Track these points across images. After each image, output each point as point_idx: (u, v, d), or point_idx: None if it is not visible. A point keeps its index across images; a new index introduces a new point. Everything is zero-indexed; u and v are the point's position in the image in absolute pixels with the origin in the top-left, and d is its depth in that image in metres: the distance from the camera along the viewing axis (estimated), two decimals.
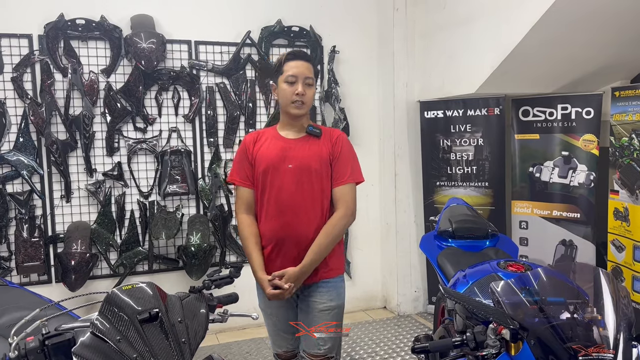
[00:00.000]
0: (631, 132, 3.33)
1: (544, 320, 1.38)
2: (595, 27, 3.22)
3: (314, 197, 2.14)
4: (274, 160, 2.16)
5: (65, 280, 3.48)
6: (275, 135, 2.23)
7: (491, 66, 3.47)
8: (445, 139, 4.14)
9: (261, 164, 2.17)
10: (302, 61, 2.16)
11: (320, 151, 2.18)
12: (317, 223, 2.15)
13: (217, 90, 3.91)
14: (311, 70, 2.18)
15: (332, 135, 2.23)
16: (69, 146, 3.56)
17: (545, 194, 3.89)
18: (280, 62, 2.18)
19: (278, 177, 2.15)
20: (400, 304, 4.41)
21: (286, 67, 2.15)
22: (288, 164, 2.15)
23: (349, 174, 2.19)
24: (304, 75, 2.14)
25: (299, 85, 2.12)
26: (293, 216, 2.13)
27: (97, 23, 3.56)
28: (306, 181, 2.14)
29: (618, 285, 1.44)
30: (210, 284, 1.52)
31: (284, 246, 2.15)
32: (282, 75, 2.16)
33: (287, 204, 2.14)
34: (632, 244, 3.38)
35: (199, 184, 3.90)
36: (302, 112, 2.17)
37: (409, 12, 4.22)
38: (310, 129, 2.20)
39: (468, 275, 2.07)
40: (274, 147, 2.19)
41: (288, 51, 2.22)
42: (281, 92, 2.17)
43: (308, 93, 2.15)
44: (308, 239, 2.13)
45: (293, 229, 2.13)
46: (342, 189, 2.17)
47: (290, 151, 2.17)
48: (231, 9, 3.94)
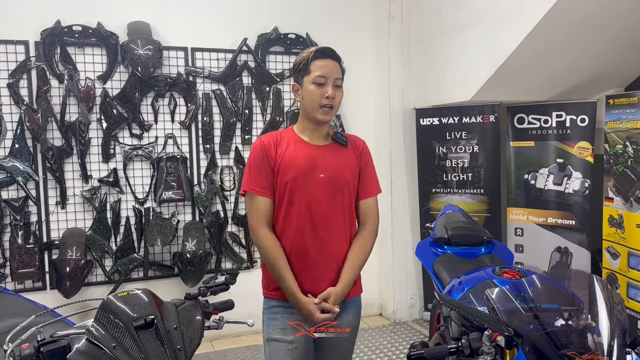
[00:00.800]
0: (625, 140, 3.35)
1: (538, 327, 1.39)
2: (589, 36, 3.25)
3: (344, 211, 1.98)
4: (304, 167, 1.93)
5: (60, 287, 3.47)
6: (299, 140, 1.99)
7: (486, 74, 3.49)
8: (441, 146, 4.16)
9: (288, 170, 1.92)
10: (331, 60, 1.95)
11: (351, 162, 2.01)
12: (349, 239, 2.01)
13: (213, 97, 3.92)
14: (340, 70, 1.97)
15: (357, 144, 2.07)
16: (64, 152, 3.56)
17: (540, 201, 3.90)
18: (307, 60, 1.94)
19: (309, 187, 1.92)
20: (396, 311, 4.40)
21: (313, 66, 1.92)
22: (319, 174, 1.93)
23: (375, 187, 2.09)
24: (333, 76, 1.92)
25: (329, 88, 1.90)
26: (327, 232, 1.94)
27: (94, 30, 3.57)
28: (338, 193, 1.96)
29: (612, 292, 1.45)
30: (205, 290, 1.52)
31: (317, 265, 1.94)
32: (309, 75, 1.92)
33: (320, 217, 1.93)
34: (626, 251, 3.39)
35: (195, 190, 3.89)
36: (330, 117, 1.96)
37: (405, 20, 4.25)
38: (338, 136, 2.01)
39: (463, 282, 2.07)
40: (302, 153, 1.95)
41: (316, 48, 1.98)
42: (307, 95, 1.93)
43: (337, 96, 1.94)
44: (341, 257, 1.97)
45: (327, 246, 1.94)
46: (369, 202, 2.05)
47: (320, 159, 1.95)
48: (228, 16, 3.95)
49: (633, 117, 3.30)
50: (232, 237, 4.02)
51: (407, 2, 4.24)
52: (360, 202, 2.05)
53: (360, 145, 2.08)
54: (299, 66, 1.96)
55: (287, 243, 1.94)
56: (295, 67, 1.99)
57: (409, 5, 4.24)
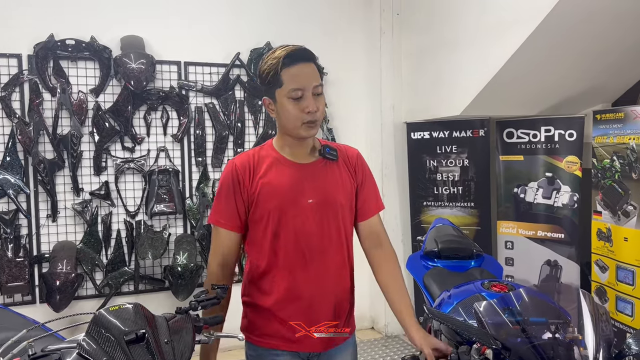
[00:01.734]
0: (612, 155, 3.40)
1: (525, 340, 1.40)
2: (576, 53, 3.31)
3: (341, 239, 1.70)
4: (289, 193, 1.63)
5: (49, 301, 3.45)
6: (280, 159, 1.68)
7: (475, 89, 3.54)
8: (431, 160, 4.19)
9: (270, 198, 1.63)
10: (305, 63, 1.58)
11: (343, 180, 1.71)
12: (349, 270, 1.74)
13: (206, 110, 3.94)
14: (317, 72, 1.61)
15: (349, 156, 1.77)
16: (56, 165, 3.56)
17: (529, 214, 3.93)
18: (276, 70, 1.56)
19: (296, 216, 1.63)
20: (387, 324, 4.40)
21: (285, 75, 1.56)
22: (308, 199, 1.64)
23: (378, 203, 1.81)
24: (311, 84, 1.57)
25: (309, 100, 1.56)
26: (321, 267, 1.66)
27: (87, 43, 3.59)
28: (332, 219, 1.67)
29: (597, 305, 1.47)
30: (196, 305, 1.52)
31: (312, 307, 1.65)
32: (282, 88, 1.57)
33: (312, 251, 1.65)
34: (615, 264, 3.42)
35: (187, 203, 3.90)
36: (315, 132, 1.64)
37: (396, 36, 4.30)
38: (327, 151, 1.70)
39: (453, 295, 2.09)
40: (285, 175, 1.65)
41: (284, 52, 1.57)
42: (283, 112, 1.60)
43: (320, 106, 1.60)
44: (342, 293, 1.70)
45: (324, 283, 1.66)
46: (374, 221, 1.78)
47: (307, 181, 1.66)
48: (221, 31, 3.99)
49: (619, 132, 3.35)
50: None
51: (398, 18, 4.30)
52: (362, 224, 1.78)
53: (353, 156, 1.78)
54: (267, 77, 1.60)
55: (274, 287, 1.66)
56: (263, 78, 1.61)
57: (400, 21, 4.30)
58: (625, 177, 3.31)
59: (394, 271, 1.75)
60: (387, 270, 1.75)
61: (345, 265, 1.73)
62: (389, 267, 1.75)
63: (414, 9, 4.18)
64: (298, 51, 1.59)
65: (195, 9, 3.91)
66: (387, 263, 1.76)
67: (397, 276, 1.75)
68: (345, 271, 1.73)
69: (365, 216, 1.77)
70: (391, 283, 1.73)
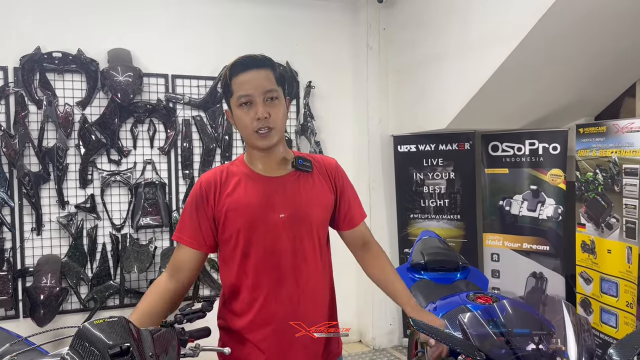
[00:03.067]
0: (595, 168, 3.46)
1: (509, 351, 1.42)
2: (559, 68, 3.37)
3: (315, 256, 1.61)
4: (258, 209, 1.55)
5: (33, 315, 3.40)
6: (250, 174, 1.61)
7: (460, 103, 3.58)
8: (418, 173, 4.23)
9: (238, 216, 1.56)
10: (255, 70, 1.53)
11: (318, 192, 1.64)
12: (326, 291, 1.66)
13: (193, 123, 3.95)
14: (271, 78, 1.54)
15: (326, 166, 1.70)
16: (41, 178, 3.53)
17: (515, 226, 3.97)
18: (226, 79, 1.55)
19: (267, 233, 1.56)
20: (375, 337, 4.40)
21: (234, 85, 1.53)
22: (279, 213, 1.56)
23: (361, 212, 1.78)
24: (261, 90, 1.51)
25: (259, 107, 1.51)
26: (296, 287, 1.58)
27: (74, 56, 3.59)
28: (305, 234, 1.58)
29: (580, 317, 1.49)
30: (182, 318, 1.51)
31: (286, 332, 1.58)
32: (232, 97, 1.54)
33: (285, 270, 1.56)
34: (599, 276, 3.46)
35: (173, 216, 3.88)
36: (273, 141, 1.55)
37: (382, 51, 4.36)
38: (300, 162, 1.62)
39: (438, 307, 2.10)
40: (254, 190, 1.58)
41: (232, 62, 1.55)
42: (238, 121, 1.56)
43: (274, 113, 1.53)
44: (319, 315, 1.62)
45: (300, 306, 1.58)
46: (360, 228, 1.76)
47: (277, 195, 1.58)
48: (208, 43, 4.01)
49: (602, 145, 3.41)
50: (210, 264, 4.00)
51: (385, 33, 4.36)
52: (347, 233, 1.74)
53: (331, 166, 1.71)
54: (222, 88, 1.60)
55: (244, 309, 1.59)
56: (222, 90, 1.62)
57: (386, 36, 4.36)
58: (608, 189, 3.36)
59: (382, 263, 1.74)
60: (376, 264, 1.74)
61: (322, 284, 1.64)
62: (377, 262, 1.74)
63: (400, 25, 4.24)
64: (246, 58, 1.55)
65: (182, 22, 3.93)
66: (375, 259, 1.75)
67: (386, 266, 1.73)
68: (322, 290, 1.65)
69: (350, 225, 1.73)
70: (380, 274, 1.72)
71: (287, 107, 1.62)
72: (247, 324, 1.59)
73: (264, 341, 1.58)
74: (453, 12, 3.62)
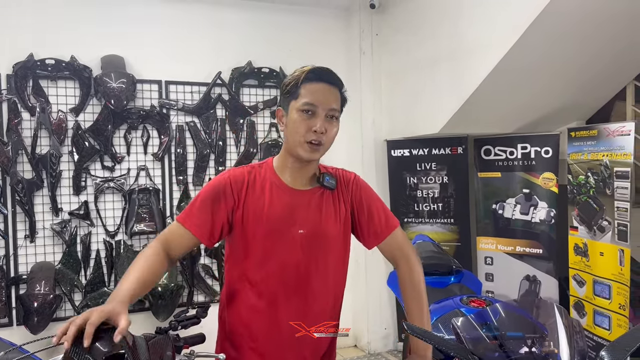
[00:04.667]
0: (587, 171, 3.49)
1: (503, 354, 1.43)
2: (550, 72, 3.40)
3: (326, 276, 1.61)
4: (280, 221, 1.54)
5: (27, 323, 3.38)
6: (277, 183, 1.58)
7: (453, 108, 3.61)
8: (411, 177, 4.25)
9: (259, 223, 1.54)
10: (328, 85, 1.54)
11: (337, 210, 1.62)
12: (332, 308, 1.65)
13: (187, 129, 3.95)
14: (338, 99, 1.57)
15: (346, 181, 1.67)
16: (34, 185, 3.52)
17: (508, 230, 4.00)
18: (297, 81, 1.54)
19: (283, 246, 1.55)
20: (370, 342, 4.40)
21: (304, 90, 1.52)
22: (298, 229, 1.55)
23: (391, 221, 1.70)
24: (328, 106, 1.52)
25: (319, 119, 1.50)
26: (304, 304, 1.57)
27: (67, 63, 3.59)
28: (320, 252, 1.58)
29: (572, 320, 1.51)
30: (176, 324, 1.51)
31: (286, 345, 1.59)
32: (297, 100, 1.52)
33: (296, 285, 1.56)
34: (592, 279, 3.48)
35: (167, 222, 3.88)
36: (316, 156, 1.55)
37: (375, 56, 4.38)
38: (327, 179, 1.60)
39: (432, 311, 2.11)
40: (278, 201, 1.55)
41: (309, 68, 1.56)
42: (291, 125, 1.53)
43: (330, 131, 1.53)
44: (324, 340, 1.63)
45: (306, 321, 1.58)
46: (391, 240, 1.67)
47: (300, 210, 1.56)
48: (202, 50, 4.02)
49: (593, 148, 3.44)
50: (205, 270, 3.99)
51: (378, 38, 4.38)
52: (379, 247, 1.69)
53: (349, 181, 1.68)
54: (287, 87, 1.56)
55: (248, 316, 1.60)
56: (283, 88, 1.59)
57: (379, 41, 4.38)
58: (600, 193, 3.39)
59: (406, 289, 1.63)
60: (402, 289, 1.65)
61: (332, 301, 1.63)
62: (403, 287, 1.65)
63: (393, 30, 4.27)
64: (324, 71, 1.56)
65: (176, 28, 3.94)
66: (402, 284, 1.66)
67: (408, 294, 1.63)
68: (330, 306, 1.63)
69: (377, 240, 1.66)
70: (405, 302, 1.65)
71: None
72: (251, 333, 1.59)
73: (267, 353, 1.58)
74: (445, 17, 3.65)
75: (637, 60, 3.50)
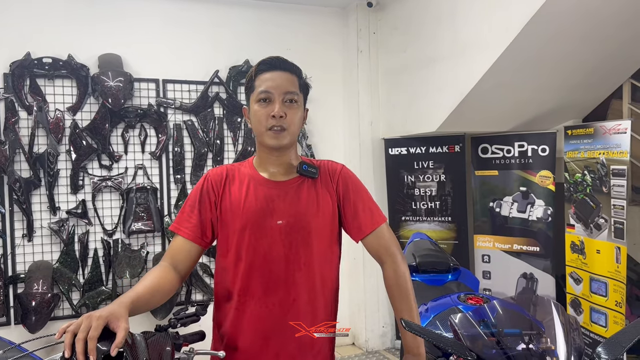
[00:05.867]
0: (583, 169, 3.50)
1: (500, 351, 1.43)
2: (547, 71, 3.41)
3: (311, 266, 1.56)
4: (256, 213, 1.54)
5: (25, 322, 3.38)
6: (256, 177, 1.60)
7: (450, 106, 3.61)
8: (409, 175, 4.25)
9: (236, 217, 1.55)
10: (280, 72, 1.57)
11: (321, 199, 1.59)
12: (321, 302, 1.60)
13: (184, 128, 3.95)
14: (295, 82, 1.58)
15: (332, 172, 1.64)
16: (32, 184, 3.52)
17: (505, 228, 4.01)
18: (251, 76, 1.58)
19: (262, 238, 1.54)
20: (368, 340, 4.41)
21: (258, 81, 1.56)
22: (277, 220, 1.54)
23: (377, 216, 1.63)
24: (282, 90, 1.54)
25: (276, 104, 1.52)
26: (287, 296, 1.55)
27: (64, 62, 3.58)
28: (302, 243, 1.55)
29: (569, 317, 1.51)
30: (176, 322, 1.52)
31: (272, 341, 1.56)
32: (253, 93, 1.56)
33: (277, 278, 1.54)
34: (588, 276, 3.50)
35: (165, 221, 3.88)
36: (283, 142, 1.54)
37: (372, 54, 4.38)
38: (304, 168, 1.59)
39: (430, 308, 2.12)
40: (255, 194, 1.56)
41: (260, 60, 1.59)
42: (253, 116, 1.56)
43: (290, 114, 1.54)
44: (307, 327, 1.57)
45: (290, 314, 1.55)
46: (375, 237, 1.61)
47: (279, 201, 1.56)
48: (199, 49, 4.02)
49: (590, 147, 3.45)
50: (203, 268, 4.00)
51: (375, 37, 4.39)
52: (363, 242, 1.63)
53: (335, 171, 1.65)
54: (246, 84, 1.62)
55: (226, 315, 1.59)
56: (245, 87, 1.64)
57: (376, 40, 4.39)
58: (596, 190, 3.40)
59: (393, 289, 1.60)
60: (389, 290, 1.61)
61: (319, 294, 1.59)
62: (389, 288, 1.61)
63: (390, 29, 4.27)
64: (275, 59, 1.59)
65: (173, 27, 3.93)
66: (388, 284, 1.61)
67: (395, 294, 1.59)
68: (318, 300, 1.59)
69: (360, 235, 1.62)
70: (392, 302, 1.61)
71: (304, 117, 1.64)
72: (237, 328, 1.58)
73: (252, 347, 1.57)
74: (442, 16, 3.66)
75: (633, 58, 3.51)
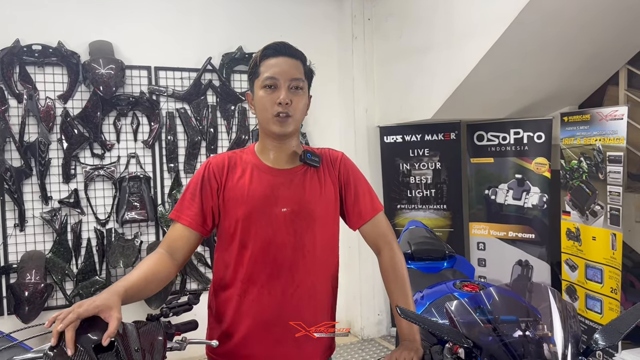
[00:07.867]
0: (580, 156, 3.49)
1: (497, 338, 1.42)
2: (543, 57, 3.38)
3: (314, 254, 1.57)
4: (260, 200, 1.53)
5: (18, 312, 3.36)
6: (258, 164, 1.59)
7: (445, 94, 3.59)
8: (404, 163, 4.23)
9: (240, 205, 1.54)
10: (286, 57, 1.54)
11: (324, 188, 1.60)
12: (323, 289, 1.62)
13: (177, 116, 3.90)
14: (300, 69, 1.56)
15: (332, 160, 1.66)
16: (23, 173, 3.47)
17: (500, 215, 4.00)
18: (256, 61, 1.56)
19: (267, 226, 1.54)
20: (363, 327, 4.41)
21: (263, 66, 1.54)
22: (281, 207, 1.54)
23: (375, 204, 1.68)
24: (288, 77, 1.52)
25: (282, 91, 1.51)
26: (291, 283, 1.55)
27: (55, 49, 3.52)
28: (306, 231, 1.56)
29: (566, 303, 1.50)
30: (168, 311, 1.50)
31: (273, 329, 1.56)
32: (258, 78, 1.54)
33: (282, 265, 1.54)
34: (584, 263, 3.50)
35: (159, 210, 3.85)
36: (288, 129, 1.54)
37: (368, 41, 4.34)
38: (308, 156, 1.59)
39: (425, 296, 2.10)
40: (259, 181, 1.56)
41: (265, 45, 1.56)
42: (258, 103, 1.55)
43: (296, 101, 1.53)
44: (314, 320, 1.58)
45: (292, 301, 1.55)
46: (372, 225, 1.65)
47: (283, 188, 1.56)
48: (192, 35, 3.96)
49: (586, 133, 3.44)
50: (197, 257, 3.97)
51: (370, 23, 4.34)
52: (361, 229, 1.66)
53: (336, 160, 1.67)
54: (249, 70, 1.60)
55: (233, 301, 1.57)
56: (248, 72, 1.62)
57: (371, 26, 4.34)
58: (592, 177, 3.39)
59: (389, 276, 1.63)
60: (385, 277, 1.65)
61: (322, 282, 1.60)
62: (386, 275, 1.65)
63: (385, 15, 4.23)
64: (280, 44, 1.56)
65: (165, 14, 3.88)
66: (384, 271, 1.65)
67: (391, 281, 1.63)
68: (321, 287, 1.61)
69: (359, 222, 1.65)
70: (388, 288, 1.64)
71: (308, 104, 1.62)
72: (237, 316, 1.57)
73: (252, 334, 1.56)
74: (437, 2, 3.62)
75: (630, 44, 3.49)
